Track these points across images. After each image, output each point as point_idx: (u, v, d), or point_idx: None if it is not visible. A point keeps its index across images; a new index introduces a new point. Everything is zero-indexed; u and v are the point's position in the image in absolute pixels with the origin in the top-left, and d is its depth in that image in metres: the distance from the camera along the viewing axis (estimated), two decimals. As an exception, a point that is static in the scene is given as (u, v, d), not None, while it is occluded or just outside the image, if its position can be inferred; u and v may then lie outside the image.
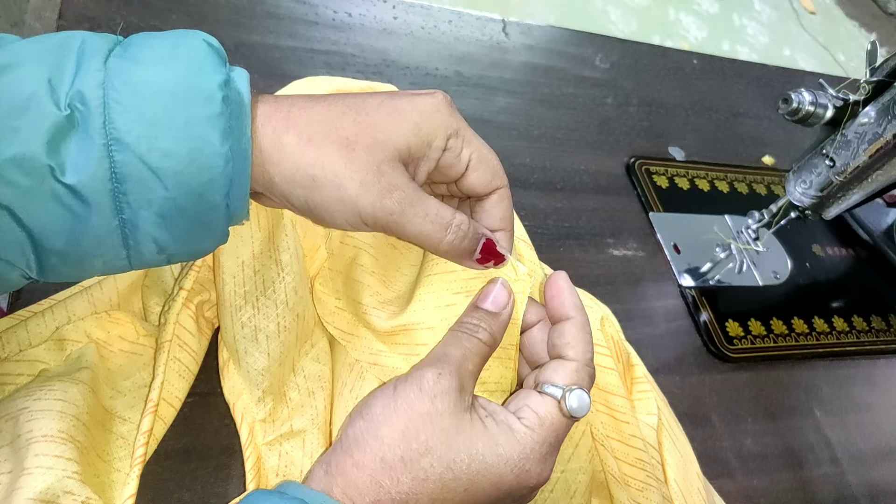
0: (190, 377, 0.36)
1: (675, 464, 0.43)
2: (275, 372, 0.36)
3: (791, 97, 0.51)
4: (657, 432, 0.43)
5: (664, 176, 0.67)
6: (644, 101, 0.72)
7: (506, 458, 0.29)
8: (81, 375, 0.33)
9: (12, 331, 0.35)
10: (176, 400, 0.36)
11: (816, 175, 0.54)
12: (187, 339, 0.36)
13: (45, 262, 0.25)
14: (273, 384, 0.37)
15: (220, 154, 0.25)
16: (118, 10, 0.52)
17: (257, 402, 0.36)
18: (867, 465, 0.55)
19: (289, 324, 0.36)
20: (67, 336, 0.35)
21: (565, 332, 0.33)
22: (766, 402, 0.56)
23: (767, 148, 0.76)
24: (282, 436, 0.36)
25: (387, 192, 0.28)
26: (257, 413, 0.36)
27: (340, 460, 0.28)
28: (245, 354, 0.36)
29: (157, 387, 0.33)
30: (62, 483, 0.29)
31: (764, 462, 0.52)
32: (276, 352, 0.36)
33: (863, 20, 2.75)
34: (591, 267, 0.56)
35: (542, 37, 0.73)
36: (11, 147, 0.23)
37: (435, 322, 0.34)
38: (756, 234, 0.61)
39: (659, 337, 0.55)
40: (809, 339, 0.61)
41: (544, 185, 0.60)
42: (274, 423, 0.37)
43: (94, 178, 0.24)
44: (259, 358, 0.36)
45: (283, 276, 0.36)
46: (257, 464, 0.35)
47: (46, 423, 0.30)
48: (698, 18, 2.35)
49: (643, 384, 0.45)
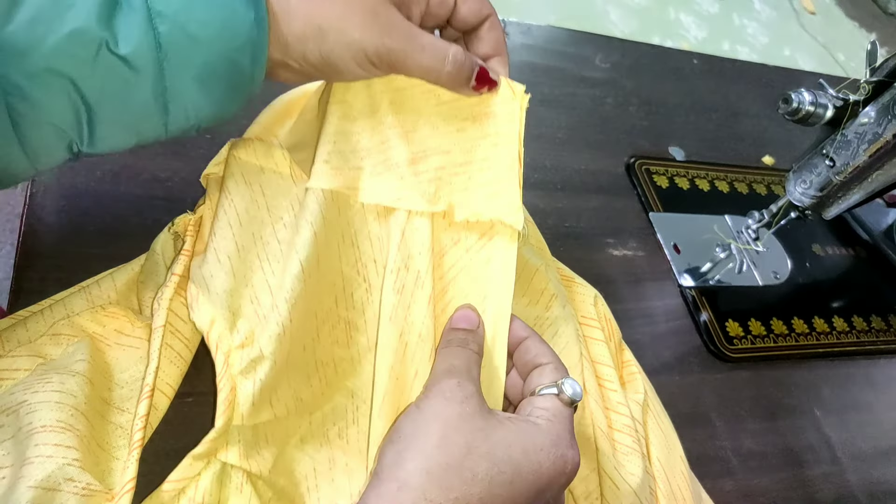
0: (183, 365, 0.36)
1: (659, 443, 0.44)
2: (242, 293, 0.36)
3: (791, 97, 0.51)
4: (642, 411, 0.44)
5: (664, 176, 0.67)
6: (644, 101, 0.72)
7: (540, 446, 0.30)
8: (78, 367, 0.33)
9: (11, 329, 0.35)
10: (168, 388, 0.35)
11: (816, 175, 0.54)
12: (180, 326, 0.36)
13: (96, 131, 0.28)
14: (243, 305, 0.36)
15: (248, 21, 0.28)
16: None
17: (231, 330, 0.35)
18: (867, 464, 0.55)
19: (246, 243, 0.37)
20: (63, 331, 0.35)
21: (530, 348, 0.36)
22: (766, 402, 0.56)
23: (767, 148, 0.76)
24: (253, 360, 0.34)
25: (385, 31, 0.31)
26: (233, 340, 0.35)
27: (383, 489, 0.28)
28: (210, 278, 0.35)
29: (151, 372, 0.33)
30: (63, 471, 0.29)
31: (764, 461, 0.52)
32: (241, 271, 0.36)
33: (863, 20, 2.75)
34: (591, 267, 0.56)
35: (542, 37, 0.73)
36: (69, 23, 0.25)
37: (449, 146, 0.37)
38: (756, 234, 0.61)
39: (659, 337, 0.55)
40: (809, 339, 0.61)
41: (544, 184, 0.60)
42: (243, 350, 0.35)
43: (142, 46, 0.26)
44: (224, 279, 0.35)
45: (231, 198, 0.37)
46: (230, 395, 0.34)
47: (45, 414, 0.30)
48: (698, 18, 2.36)
49: (632, 367, 0.47)
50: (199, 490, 0.32)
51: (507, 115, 0.37)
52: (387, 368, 0.35)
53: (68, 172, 0.44)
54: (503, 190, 0.37)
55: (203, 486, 0.32)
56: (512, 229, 0.37)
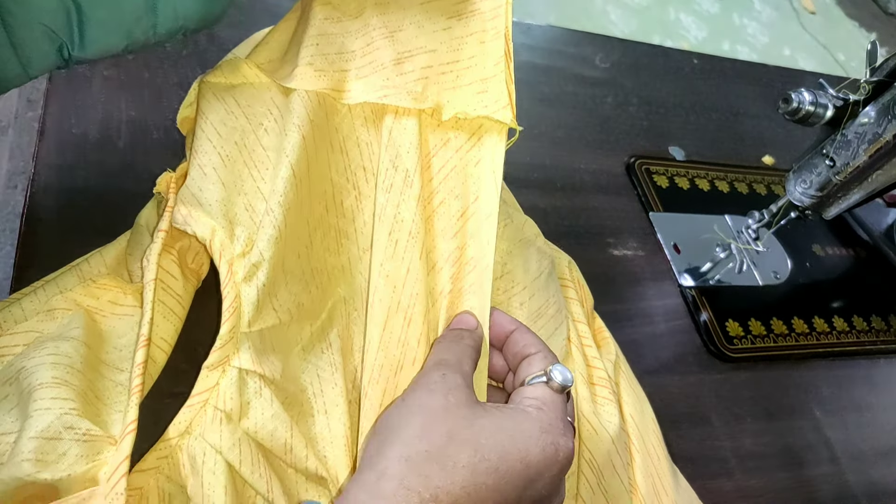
0: (176, 321, 0.36)
1: (632, 402, 0.44)
2: (235, 201, 0.36)
3: (791, 97, 0.51)
4: (615, 370, 0.45)
5: (664, 175, 0.67)
6: (644, 101, 0.72)
7: (529, 433, 0.29)
8: (73, 334, 0.33)
9: (7, 311, 0.35)
10: (163, 342, 0.35)
11: (816, 175, 0.54)
12: (171, 282, 0.36)
13: (87, 33, 0.29)
14: (238, 213, 0.36)
15: None
16: (118, 9, 0.52)
17: (231, 239, 0.35)
18: (867, 464, 0.55)
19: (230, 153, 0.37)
20: (57, 306, 0.35)
21: (518, 339, 0.35)
22: (766, 402, 0.56)
23: (767, 148, 0.76)
24: (254, 265, 0.35)
25: None
26: (234, 249, 0.35)
27: (363, 479, 0.27)
28: (200, 192, 0.36)
29: (146, 323, 0.33)
30: (61, 420, 0.29)
31: (763, 462, 0.52)
32: (230, 180, 0.36)
33: (863, 20, 2.75)
34: (591, 266, 0.56)
35: (542, 37, 0.73)
36: None
37: (435, 45, 0.37)
38: (756, 234, 0.61)
39: (659, 336, 0.55)
40: (809, 339, 0.61)
41: (544, 184, 0.60)
42: (244, 258, 0.35)
43: None
44: (214, 190, 0.36)
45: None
46: (235, 301, 0.34)
47: (41, 374, 0.30)
48: (698, 18, 2.35)
49: (604, 333, 0.48)
50: (221, 397, 0.33)
51: (493, 11, 0.37)
52: (378, 266, 0.35)
53: (68, 172, 0.44)
54: (491, 87, 0.37)
55: (224, 392, 0.33)
56: (500, 125, 0.37)
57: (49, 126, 0.45)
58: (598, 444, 0.39)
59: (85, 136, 0.45)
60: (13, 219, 0.99)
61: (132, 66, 0.50)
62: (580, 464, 0.39)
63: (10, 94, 1.17)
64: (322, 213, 0.38)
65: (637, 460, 0.42)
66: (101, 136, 0.45)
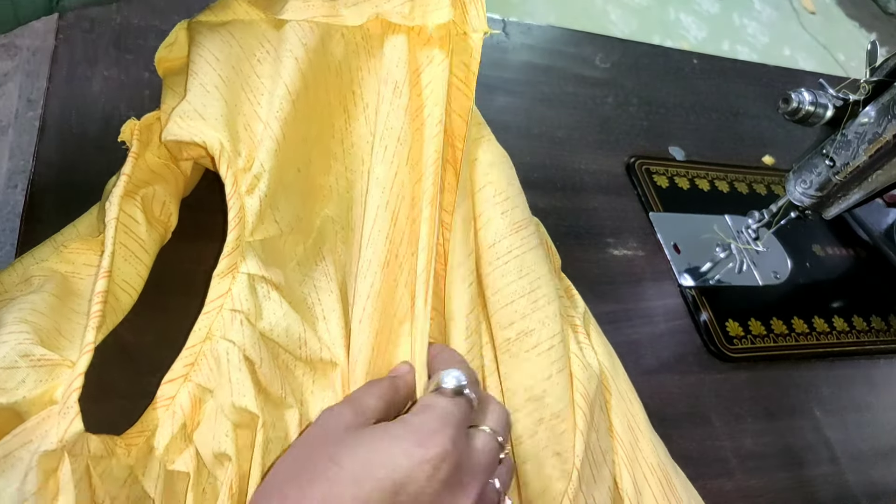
0: (140, 266, 0.36)
1: (602, 351, 0.45)
2: (236, 120, 0.37)
3: (791, 97, 0.51)
4: (584, 321, 0.45)
5: (664, 176, 0.67)
6: (644, 101, 0.72)
7: (393, 438, 0.28)
8: (46, 289, 0.33)
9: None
10: (127, 286, 0.35)
11: (816, 175, 0.54)
12: (133, 226, 0.36)
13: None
14: (239, 131, 0.37)
15: None
16: (118, 10, 0.52)
17: (235, 154, 0.36)
18: (867, 464, 0.55)
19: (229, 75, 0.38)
20: (34, 273, 0.35)
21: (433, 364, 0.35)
22: (766, 402, 0.56)
23: (767, 148, 0.76)
24: (255, 176, 0.36)
25: None
26: (238, 164, 0.36)
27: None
28: (203, 107, 0.37)
29: (107, 256, 0.33)
30: (17, 349, 0.29)
31: (763, 461, 0.52)
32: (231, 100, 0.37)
33: (863, 20, 2.75)
34: (591, 266, 0.57)
35: (542, 37, 0.73)
36: None
37: None
38: (756, 234, 0.61)
39: (659, 336, 0.55)
40: (809, 339, 0.61)
41: (544, 184, 0.60)
42: (247, 173, 0.37)
43: None
44: (217, 106, 0.37)
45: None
46: (240, 212, 0.35)
47: (2, 319, 0.31)
48: (698, 18, 2.35)
49: (571, 290, 0.49)
50: (236, 299, 0.34)
51: None
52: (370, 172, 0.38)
53: (68, 171, 0.44)
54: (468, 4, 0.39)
55: (237, 295, 0.34)
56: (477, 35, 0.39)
57: (49, 126, 0.45)
58: (588, 378, 0.40)
59: (85, 136, 0.45)
60: (13, 219, 0.99)
61: (132, 66, 0.50)
62: (575, 398, 0.39)
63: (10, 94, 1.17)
64: (319, 133, 0.40)
65: (612, 402, 0.43)
66: (101, 136, 0.45)
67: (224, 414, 0.32)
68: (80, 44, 0.49)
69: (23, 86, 1.12)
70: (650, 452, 0.42)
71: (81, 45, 0.49)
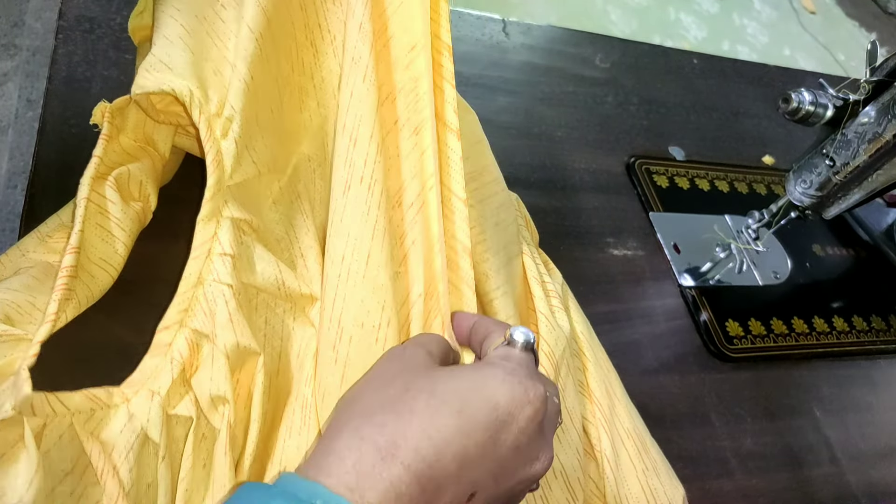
0: (118, 245, 0.36)
1: (581, 322, 0.46)
2: (204, 66, 0.37)
3: (791, 97, 0.51)
4: (563, 294, 0.46)
5: (664, 175, 0.67)
6: (644, 101, 0.72)
7: (492, 376, 0.28)
8: (28, 272, 0.33)
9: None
10: (105, 264, 0.35)
11: (816, 175, 0.54)
12: (108, 206, 0.36)
13: None
14: (208, 77, 0.37)
15: None
16: (118, 10, 0.52)
17: (206, 100, 0.36)
18: (867, 464, 0.55)
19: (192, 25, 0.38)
20: (21, 264, 0.35)
21: (478, 329, 0.35)
22: (766, 402, 0.56)
23: (767, 148, 0.76)
24: (228, 119, 0.36)
25: None
26: (211, 108, 0.36)
27: (321, 444, 0.26)
28: (168, 58, 0.36)
29: (76, 233, 0.33)
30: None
31: (763, 462, 0.52)
32: (196, 48, 0.37)
33: (863, 20, 2.74)
34: (591, 266, 0.56)
35: (542, 37, 0.73)
36: None
37: None
38: (756, 234, 0.61)
39: (659, 336, 0.55)
40: (809, 339, 0.61)
41: (544, 183, 0.60)
42: (220, 117, 0.37)
43: None
44: (183, 55, 0.37)
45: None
46: (217, 156, 0.35)
47: None
48: (698, 18, 2.35)
49: (551, 265, 0.49)
50: (224, 243, 0.34)
51: None
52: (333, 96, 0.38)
53: (68, 172, 0.44)
54: None
55: (223, 238, 0.34)
56: None
57: (49, 126, 0.45)
58: (555, 339, 0.40)
59: (85, 136, 0.45)
60: (13, 219, 0.99)
61: (132, 66, 0.50)
62: (540, 357, 0.39)
63: (10, 94, 1.17)
64: (289, 72, 0.40)
65: (590, 368, 0.43)
66: (100, 136, 0.45)
67: (225, 355, 0.32)
68: (80, 44, 0.49)
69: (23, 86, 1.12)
70: (626, 417, 0.43)
71: (81, 46, 0.49)
